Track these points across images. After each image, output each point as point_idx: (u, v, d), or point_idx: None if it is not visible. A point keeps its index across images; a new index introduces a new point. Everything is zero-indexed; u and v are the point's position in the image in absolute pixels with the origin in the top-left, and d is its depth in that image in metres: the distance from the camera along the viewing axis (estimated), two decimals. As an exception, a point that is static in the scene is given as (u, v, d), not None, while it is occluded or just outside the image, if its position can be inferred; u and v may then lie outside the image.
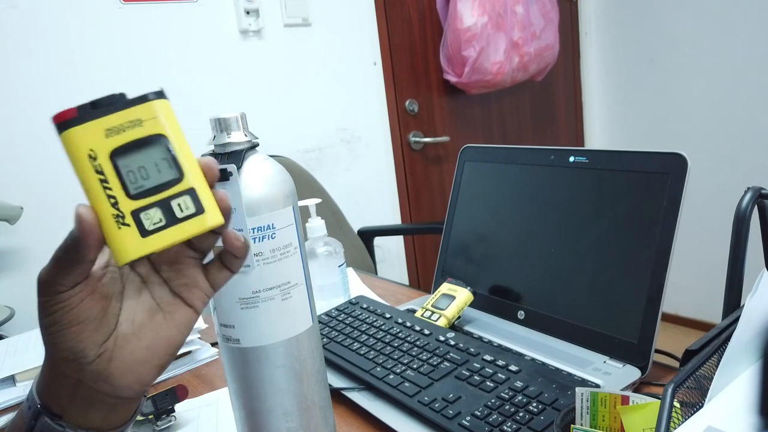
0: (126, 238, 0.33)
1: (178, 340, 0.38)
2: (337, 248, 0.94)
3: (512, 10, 2.02)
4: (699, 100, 2.29)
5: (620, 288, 0.68)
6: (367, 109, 1.99)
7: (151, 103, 0.34)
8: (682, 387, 0.38)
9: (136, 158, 0.33)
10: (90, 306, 0.35)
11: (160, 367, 0.38)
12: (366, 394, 0.68)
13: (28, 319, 1.30)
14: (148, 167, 0.33)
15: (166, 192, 0.33)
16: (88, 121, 0.32)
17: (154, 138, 0.33)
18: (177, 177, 0.33)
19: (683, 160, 0.64)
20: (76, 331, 0.35)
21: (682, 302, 2.47)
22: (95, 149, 0.32)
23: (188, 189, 0.33)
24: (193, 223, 0.34)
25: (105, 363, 0.36)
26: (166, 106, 0.34)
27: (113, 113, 0.33)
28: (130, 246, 0.33)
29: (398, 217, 2.12)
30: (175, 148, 0.33)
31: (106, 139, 0.33)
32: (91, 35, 1.47)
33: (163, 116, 0.34)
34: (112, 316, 0.37)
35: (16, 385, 0.82)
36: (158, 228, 0.33)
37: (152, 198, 0.33)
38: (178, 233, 0.33)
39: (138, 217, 0.33)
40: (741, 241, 0.55)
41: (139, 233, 0.33)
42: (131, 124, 0.33)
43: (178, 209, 0.33)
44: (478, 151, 0.91)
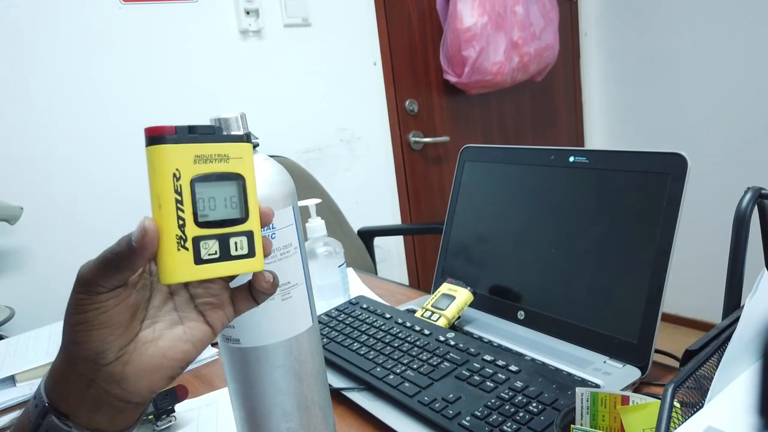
0: (180, 261, 0.34)
1: (192, 355, 0.39)
2: (337, 248, 0.94)
3: (512, 10, 2.02)
4: (699, 100, 2.29)
5: (620, 288, 0.68)
6: (367, 109, 1.99)
7: (242, 144, 0.36)
8: (682, 387, 0.38)
9: (212, 189, 0.35)
10: (123, 311, 0.36)
11: (171, 378, 0.39)
12: (366, 394, 0.68)
13: (28, 319, 1.30)
14: (218, 201, 0.35)
15: (229, 229, 0.35)
16: (183, 142, 0.34)
17: (234, 176, 0.36)
18: (242, 217, 0.36)
19: (683, 160, 0.64)
20: (104, 333, 0.36)
21: (682, 302, 2.47)
22: (181, 170, 0.34)
23: (248, 231, 0.36)
24: (242, 263, 0.36)
25: (121, 366, 0.36)
26: (250, 150, 0.36)
27: (207, 143, 0.35)
28: (182, 269, 0.35)
29: (398, 217, 2.12)
30: (249, 190, 0.36)
31: (193, 164, 0.34)
32: (91, 35, 1.47)
33: (247, 159, 0.36)
34: (137, 322, 0.38)
35: (16, 385, 0.82)
36: (211, 259, 0.35)
37: (215, 230, 0.35)
38: (226, 269, 0.36)
39: (198, 244, 0.35)
40: (741, 241, 0.55)
41: (194, 259, 0.35)
42: (219, 157, 0.35)
43: (234, 247, 0.36)
44: (478, 151, 0.91)
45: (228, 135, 0.35)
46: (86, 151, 1.48)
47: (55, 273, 1.45)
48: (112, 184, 1.52)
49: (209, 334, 0.40)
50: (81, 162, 1.48)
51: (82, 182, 1.48)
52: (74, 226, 1.47)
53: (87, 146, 1.48)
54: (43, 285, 1.44)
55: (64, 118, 1.45)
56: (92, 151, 1.49)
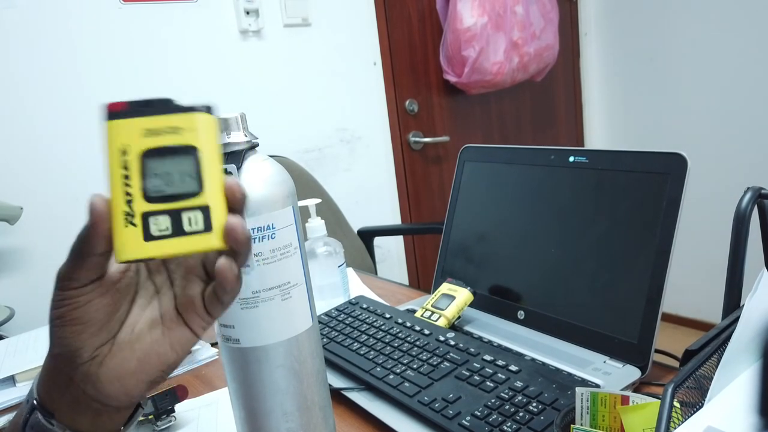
0: (128, 237, 0.33)
1: (171, 358, 0.37)
2: (337, 248, 0.94)
3: (512, 10, 2.02)
4: (699, 99, 2.29)
5: (620, 288, 0.68)
6: (367, 109, 1.99)
7: (195, 114, 0.34)
8: (682, 387, 0.38)
9: (165, 164, 0.33)
10: (97, 308, 0.36)
11: (149, 383, 0.37)
12: (366, 394, 0.68)
13: (28, 319, 1.30)
14: (174, 175, 0.33)
15: (181, 203, 0.33)
16: (132, 117, 0.33)
17: (186, 148, 0.33)
18: (196, 191, 0.33)
19: (683, 160, 0.64)
20: (77, 330, 0.35)
21: (682, 302, 2.47)
22: (129, 145, 0.33)
23: (203, 206, 0.33)
24: (197, 239, 0.33)
25: (96, 367, 0.36)
26: (209, 121, 0.34)
27: (157, 115, 0.33)
28: (130, 246, 0.33)
29: (398, 217, 2.12)
30: (203, 162, 0.33)
31: (142, 138, 0.33)
32: (91, 35, 1.47)
33: (202, 130, 0.34)
34: (117, 322, 0.37)
35: (16, 385, 0.82)
36: (162, 236, 0.33)
37: (166, 205, 0.33)
38: (179, 245, 0.33)
39: (147, 220, 0.33)
40: (741, 241, 0.55)
41: (143, 236, 0.33)
42: (170, 129, 0.33)
43: (187, 222, 0.33)
44: (478, 151, 0.91)
45: (180, 106, 0.33)
46: (86, 151, 1.48)
47: (55, 273, 1.45)
48: (112, 184, 1.52)
49: (189, 336, 0.38)
50: (81, 162, 1.47)
51: (82, 182, 1.48)
52: (74, 227, 1.45)
53: (87, 146, 1.48)
54: (43, 285, 1.43)
55: (63, 118, 1.45)
56: (92, 151, 1.49)
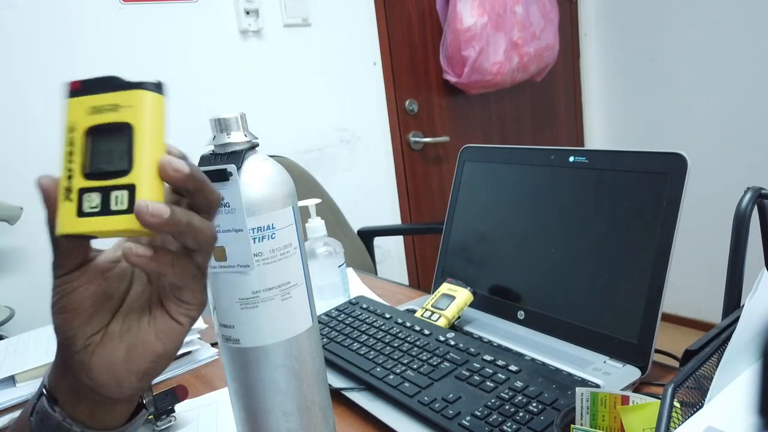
0: (64, 213, 0.33)
1: (158, 348, 0.37)
2: (337, 248, 0.94)
3: (512, 10, 2.02)
4: (699, 99, 2.29)
5: (620, 288, 0.68)
6: (366, 109, 1.99)
7: (137, 92, 0.33)
8: (682, 387, 0.38)
9: (106, 142, 0.33)
10: (83, 296, 0.36)
11: (140, 373, 0.37)
12: (366, 394, 0.68)
13: (28, 319, 1.30)
14: (114, 154, 0.33)
15: (111, 181, 0.33)
16: (81, 95, 0.33)
17: (122, 126, 0.33)
18: (125, 169, 0.33)
19: (683, 160, 0.64)
20: (67, 318, 0.36)
21: (682, 302, 2.47)
22: (76, 123, 0.33)
23: (129, 185, 0.32)
24: (120, 219, 0.33)
25: (88, 356, 0.36)
26: (153, 98, 0.33)
27: (102, 93, 0.33)
28: (65, 220, 0.33)
29: (398, 217, 2.12)
30: (136, 140, 0.33)
31: (87, 116, 0.33)
32: (91, 35, 1.47)
33: (143, 107, 0.33)
34: (108, 311, 0.38)
35: (16, 385, 0.82)
36: (92, 213, 0.33)
37: (100, 183, 0.33)
38: (104, 224, 0.33)
39: (81, 196, 0.33)
40: (741, 241, 0.55)
41: (77, 212, 0.33)
42: (111, 107, 0.33)
43: (114, 201, 0.33)
44: (478, 151, 0.91)
45: (121, 83, 0.33)
46: (86, 151, 1.48)
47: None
48: (112, 184, 1.52)
49: (174, 326, 0.37)
50: (81, 162, 1.48)
51: (82, 182, 1.48)
52: None
53: (87, 146, 1.48)
54: (43, 285, 1.43)
55: (64, 118, 1.45)
56: (92, 151, 1.49)
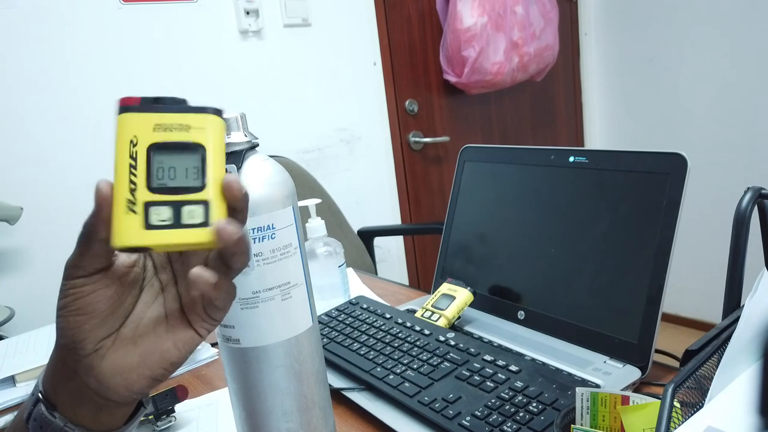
0: (128, 224, 0.34)
1: (174, 356, 0.37)
2: (337, 248, 0.94)
3: (512, 10, 2.02)
4: (699, 100, 2.29)
5: (620, 288, 0.68)
6: (367, 109, 1.99)
7: (206, 115, 0.35)
8: (682, 387, 0.38)
9: (171, 159, 0.34)
10: (101, 299, 0.36)
11: (151, 379, 0.37)
12: (366, 394, 0.68)
13: (28, 319, 1.30)
14: (179, 170, 0.34)
15: (184, 196, 0.34)
16: (143, 111, 0.34)
17: (194, 146, 0.34)
18: (199, 186, 0.34)
19: (683, 160, 0.64)
20: (80, 321, 0.36)
21: (682, 302, 2.47)
22: (138, 137, 0.34)
23: (203, 200, 0.34)
24: (194, 233, 0.34)
25: (98, 359, 0.36)
26: (218, 123, 0.35)
27: (167, 112, 0.34)
28: (129, 232, 0.34)
29: (398, 217, 2.12)
30: (208, 160, 0.34)
31: (152, 132, 0.34)
32: (91, 35, 1.47)
33: (210, 130, 0.35)
34: (120, 316, 0.37)
35: (16, 385, 0.82)
36: (162, 225, 0.34)
37: (168, 197, 0.34)
38: (176, 237, 0.34)
39: (148, 209, 0.34)
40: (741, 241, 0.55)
41: (143, 224, 0.34)
42: (180, 127, 0.34)
43: (186, 215, 0.34)
44: (478, 151, 0.91)
45: (191, 106, 0.35)
46: (86, 151, 1.48)
47: (55, 273, 1.44)
48: (112, 184, 1.52)
49: (193, 336, 0.38)
50: (81, 162, 1.48)
51: (82, 182, 1.48)
52: (74, 227, 1.45)
53: (87, 146, 1.48)
54: (43, 285, 1.44)
55: (64, 119, 1.45)
56: (92, 150, 1.49)
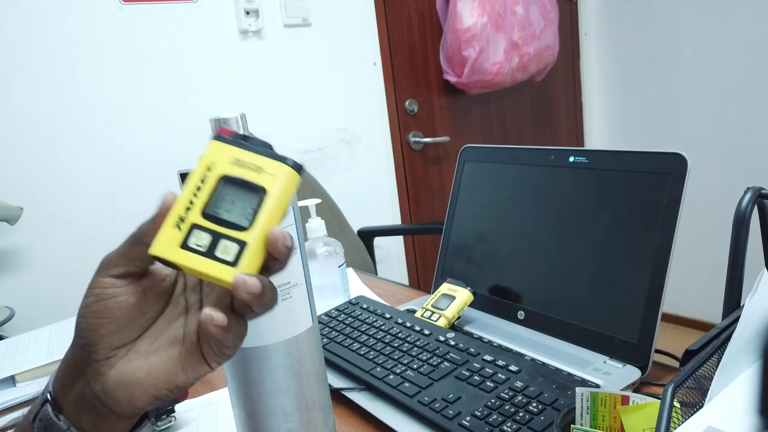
0: (169, 238, 0.35)
1: (181, 380, 0.37)
2: (337, 248, 0.94)
3: (512, 10, 2.02)
4: (699, 100, 2.29)
5: (620, 288, 0.68)
6: (367, 109, 1.99)
7: (282, 165, 0.35)
8: (682, 387, 0.38)
9: (234, 194, 0.35)
10: (121, 306, 0.36)
11: (154, 398, 0.36)
12: (366, 394, 0.68)
13: (28, 319, 1.30)
14: (236, 207, 0.35)
15: (227, 231, 0.34)
16: (229, 144, 0.36)
17: (258, 188, 0.35)
18: (244, 226, 0.34)
19: (683, 160, 0.64)
20: (97, 324, 0.36)
21: (682, 302, 2.47)
22: (215, 165, 0.36)
23: (241, 241, 0.34)
24: (219, 267, 0.34)
25: (108, 367, 0.36)
26: (292, 177, 0.36)
27: (250, 151, 0.35)
28: (165, 245, 0.35)
29: (398, 217, 2.12)
30: (264, 206, 0.34)
31: (228, 164, 0.35)
32: (91, 35, 1.47)
33: (281, 181, 0.35)
34: (138, 328, 0.37)
35: (16, 385, 0.82)
36: (195, 250, 0.34)
37: (214, 226, 0.34)
38: (203, 265, 0.34)
39: (191, 230, 0.35)
40: (741, 241, 0.55)
41: (181, 242, 0.34)
42: (254, 167, 0.35)
43: (221, 248, 0.34)
44: (478, 151, 0.91)
45: (274, 152, 0.35)
46: (86, 151, 1.48)
47: (55, 273, 1.45)
48: (113, 184, 1.52)
49: (204, 366, 0.37)
50: (81, 162, 1.48)
51: (82, 182, 1.48)
52: (74, 227, 1.47)
53: (87, 146, 1.48)
54: (43, 285, 1.44)
55: (63, 118, 1.45)
56: (92, 151, 1.49)
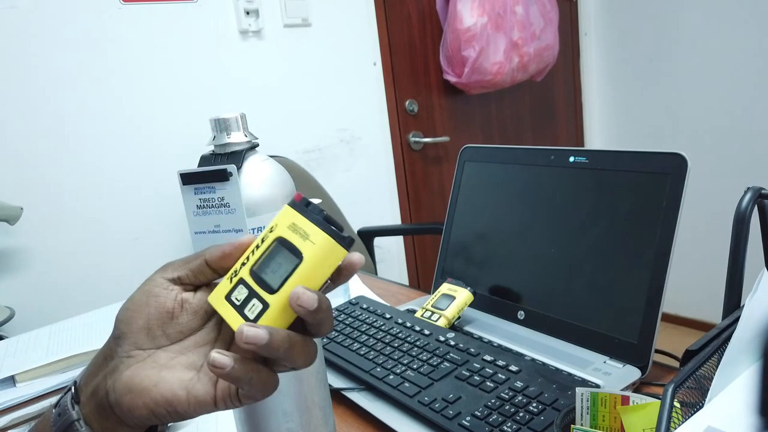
0: (222, 288, 0.38)
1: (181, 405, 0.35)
2: (337, 248, 0.94)
3: (512, 10, 2.02)
4: (699, 100, 2.29)
5: (620, 288, 0.68)
6: (366, 109, 1.99)
7: (323, 234, 0.36)
8: (682, 387, 0.38)
9: (280, 256, 0.37)
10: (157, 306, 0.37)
11: (152, 413, 0.35)
12: (366, 394, 0.68)
13: (28, 319, 1.30)
14: (278, 268, 0.36)
15: (260, 290, 0.36)
16: (294, 209, 0.38)
17: (298, 253, 0.36)
18: (273, 288, 0.36)
19: (683, 160, 0.64)
20: (131, 317, 0.37)
21: (682, 302, 2.47)
22: (277, 227, 0.38)
23: (266, 302, 0.36)
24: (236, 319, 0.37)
25: (125, 366, 0.36)
26: (332, 247, 0.36)
27: (305, 217, 0.37)
28: (216, 294, 0.38)
29: (398, 217, 2.12)
30: (297, 272, 0.36)
31: (286, 228, 0.37)
32: (91, 35, 1.47)
33: (321, 250, 0.36)
34: (165, 338, 0.38)
35: (16, 385, 0.82)
36: (233, 303, 0.37)
37: (254, 284, 0.37)
38: (232, 319, 0.36)
39: (237, 285, 0.37)
40: (741, 241, 0.55)
41: (226, 294, 0.38)
42: (303, 233, 0.36)
43: (249, 306, 0.36)
44: (478, 151, 0.91)
45: (321, 222, 0.36)
46: (86, 151, 1.48)
47: (55, 273, 1.45)
48: (113, 184, 1.52)
49: (209, 399, 0.35)
50: (81, 162, 1.48)
51: (83, 182, 1.48)
52: (74, 227, 1.47)
53: (87, 146, 1.48)
54: (43, 285, 1.44)
55: (63, 118, 1.45)
56: (92, 151, 1.49)
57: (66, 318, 1.03)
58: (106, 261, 1.52)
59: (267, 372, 0.35)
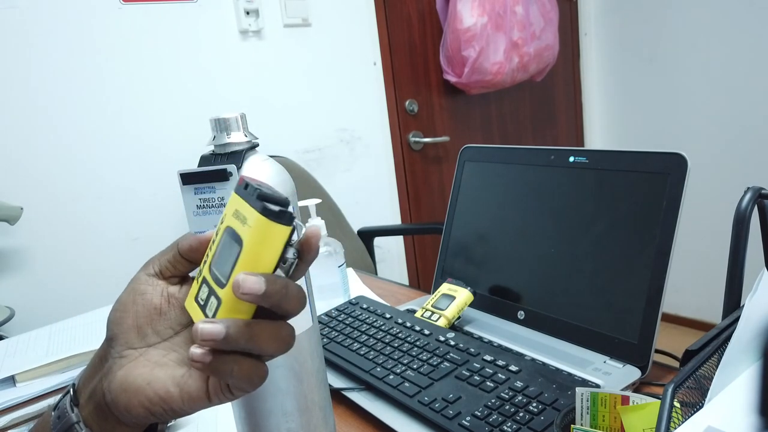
0: (193, 290, 0.38)
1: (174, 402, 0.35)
2: (337, 248, 0.94)
3: (512, 10, 2.02)
4: (699, 100, 2.29)
5: (620, 288, 0.68)
6: (366, 109, 1.99)
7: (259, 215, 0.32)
8: (682, 387, 0.38)
9: (228, 246, 0.34)
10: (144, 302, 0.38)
11: (148, 411, 0.35)
12: (366, 394, 0.68)
13: (28, 319, 1.30)
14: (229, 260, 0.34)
15: (215, 286, 0.35)
16: (239, 194, 0.35)
17: (240, 240, 0.33)
18: (223, 282, 0.34)
19: (683, 160, 0.64)
20: (120, 317, 0.38)
21: (682, 302, 2.47)
22: (225, 217, 0.36)
23: (219, 298, 0.34)
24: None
25: (118, 367, 0.36)
26: (271, 228, 0.32)
27: (245, 201, 0.34)
28: (189, 297, 0.38)
29: (398, 217, 2.12)
30: (239, 261, 0.33)
31: (231, 216, 0.35)
32: (91, 35, 1.47)
33: (258, 232, 0.32)
34: (155, 335, 0.38)
35: (16, 385, 0.82)
36: (199, 303, 0.36)
37: (211, 281, 0.35)
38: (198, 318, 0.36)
39: (201, 285, 0.37)
40: (741, 241, 0.55)
41: (194, 295, 0.37)
42: (242, 218, 0.33)
43: (209, 304, 0.35)
44: (478, 151, 0.91)
45: (255, 201, 0.32)
46: (86, 152, 1.48)
47: (55, 273, 1.45)
48: (112, 184, 1.52)
49: (201, 395, 0.35)
50: (81, 162, 1.48)
51: (83, 182, 1.48)
52: (74, 226, 1.47)
53: (87, 146, 1.48)
54: (43, 285, 1.44)
55: (63, 119, 1.45)
56: (92, 151, 1.49)
57: (66, 318, 1.03)
58: (106, 261, 1.52)
59: (249, 362, 0.34)
